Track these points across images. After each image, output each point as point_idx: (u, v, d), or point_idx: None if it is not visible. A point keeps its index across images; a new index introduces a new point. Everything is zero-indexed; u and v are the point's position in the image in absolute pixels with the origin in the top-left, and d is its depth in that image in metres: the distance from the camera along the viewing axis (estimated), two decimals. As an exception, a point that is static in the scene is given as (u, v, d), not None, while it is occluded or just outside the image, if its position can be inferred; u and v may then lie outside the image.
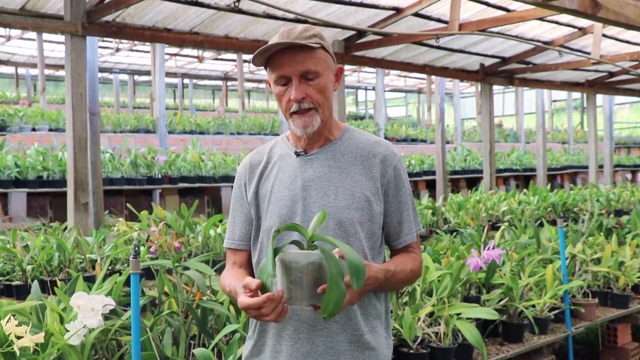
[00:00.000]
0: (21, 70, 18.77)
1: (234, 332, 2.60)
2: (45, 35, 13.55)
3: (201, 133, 12.43)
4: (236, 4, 4.98)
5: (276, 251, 1.53)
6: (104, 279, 2.90)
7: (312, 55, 1.69)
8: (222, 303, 2.77)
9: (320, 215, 1.57)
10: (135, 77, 20.18)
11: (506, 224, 5.46)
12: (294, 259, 1.51)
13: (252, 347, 1.77)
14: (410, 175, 10.80)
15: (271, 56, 1.70)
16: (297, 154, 1.78)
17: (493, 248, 3.52)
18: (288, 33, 1.68)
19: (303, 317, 1.68)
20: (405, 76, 22.12)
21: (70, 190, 4.99)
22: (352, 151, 1.78)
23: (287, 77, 1.69)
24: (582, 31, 7.95)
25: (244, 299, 1.53)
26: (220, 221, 4.47)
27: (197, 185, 8.62)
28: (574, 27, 7.86)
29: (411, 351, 2.94)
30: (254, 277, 1.75)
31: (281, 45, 1.66)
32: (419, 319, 3.08)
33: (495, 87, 10.26)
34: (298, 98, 1.68)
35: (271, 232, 1.72)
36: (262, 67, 1.76)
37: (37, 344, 2.16)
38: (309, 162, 1.76)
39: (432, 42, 7.32)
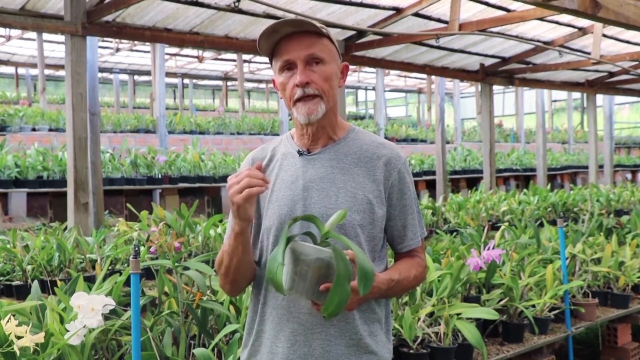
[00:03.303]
0: (21, 70, 18.77)
1: (234, 332, 2.60)
2: (45, 35, 13.55)
3: (201, 133, 12.43)
4: (236, 4, 4.98)
5: (289, 240, 1.51)
6: (104, 279, 2.90)
7: (319, 41, 1.68)
8: (222, 303, 2.77)
9: (340, 213, 1.55)
10: (135, 77, 20.17)
11: (506, 224, 5.46)
12: (304, 251, 1.49)
13: (250, 348, 1.76)
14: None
15: (277, 43, 1.69)
16: (300, 154, 1.76)
17: (493, 248, 3.52)
18: (293, 21, 1.68)
19: (301, 320, 1.66)
20: (405, 76, 22.13)
21: (70, 190, 4.99)
22: (356, 152, 1.75)
23: (292, 63, 1.68)
24: (582, 31, 7.95)
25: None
26: (220, 221, 4.47)
27: (197, 185, 8.62)
28: (574, 27, 7.86)
29: (411, 351, 2.95)
30: (251, 258, 1.73)
31: (288, 25, 1.64)
32: (419, 319, 3.08)
33: (495, 87, 10.26)
34: (303, 82, 1.65)
35: (271, 231, 1.71)
36: (262, 67, 1.75)
37: (37, 344, 2.16)
38: (311, 161, 1.74)
39: (432, 42, 7.32)
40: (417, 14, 6.73)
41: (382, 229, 1.74)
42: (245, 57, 16.44)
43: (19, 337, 2.07)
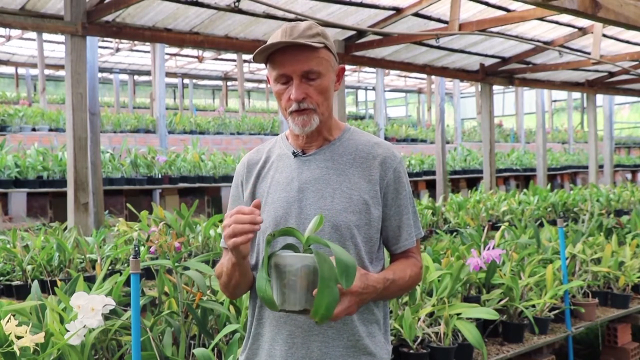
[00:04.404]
0: (21, 70, 18.77)
1: (234, 332, 2.61)
2: (45, 35, 13.55)
3: (201, 133, 12.43)
4: (236, 4, 4.98)
5: (271, 257, 1.51)
6: (104, 279, 2.90)
7: (315, 55, 1.66)
8: (222, 303, 2.77)
9: (317, 220, 1.54)
10: (135, 77, 20.17)
11: (506, 224, 5.46)
12: (288, 262, 1.48)
13: (248, 350, 1.76)
14: (410, 175, 10.80)
15: (272, 53, 1.67)
16: (295, 155, 1.74)
17: (493, 248, 3.52)
18: (291, 30, 1.65)
19: (298, 322, 1.65)
20: (405, 76, 22.12)
21: (70, 190, 4.99)
22: (351, 152, 1.74)
23: (287, 76, 1.66)
24: (582, 31, 7.95)
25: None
26: (220, 221, 4.47)
27: (197, 185, 8.63)
28: (574, 27, 7.86)
29: (411, 351, 2.95)
30: (250, 275, 1.73)
31: (284, 44, 1.63)
32: (419, 319, 3.08)
33: (495, 87, 10.26)
34: (298, 98, 1.64)
35: (266, 234, 1.67)
36: (262, 67, 1.75)
37: (37, 344, 2.16)
38: (306, 163, 1.73)
39: (432, 42, 7.32)
40: (417, 14, 6.73)
41: (378, 229, 1.73)
42: (245, 57, 16.41)
43: (19, 337, 2.07)
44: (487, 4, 6.72)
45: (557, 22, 7.60)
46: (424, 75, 19.30)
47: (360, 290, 1.56)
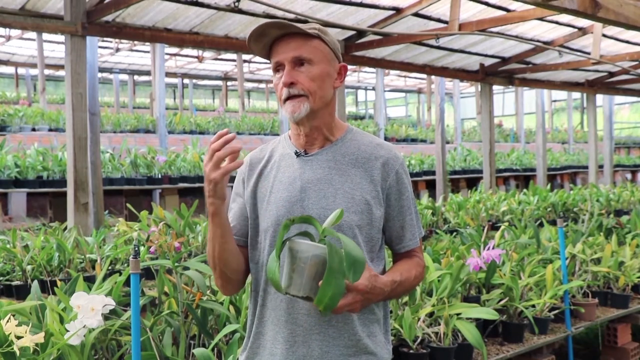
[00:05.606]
0: (21, 70, 18.77)
1: (234, 332, 2.61)
2: (45, 35, 13.55)
3: (201, 133, 12.44)
4: (236, 4, 4.98)
5: (286, 241, 1.54)
6: (104, 279, 2.90)
7: (308, 43, 1.69)
8: (222, 303, 2.77)
9: (337, 213, 1.56)
10: (135, 77, 20.17)
11: (506, 224, 5.46)
12: (300, 249, 1.52)
13: (249, 349, 1.76)
14: (410, 175, 10.59)
15: (272, 45, 1.71)
16: (297, 155, 1.76)
17: (493, 248, 3.52)
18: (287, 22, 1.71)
19: (299, 321, 1.66)
20: (405, 76, 22.12)
21: (70, 190, 4.99)
22: (354, 153, 1.75)
23: (281, 64, 1.70)
24: (582, 31, 7.95)
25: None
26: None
27: (197, 185, 8.61)
28: (574, 27, 7.86)
29: (411, 351, 2.95)
30: (248, 269, 1.76)
31: (276, 28, 1.66)
32: (419, 319, 3.08)
33: (495, 87, 10.26)
34: (287, 82, 1.67)
35: (268, 233, 1.71)
36: (262, 68, 1.76)
37: (37, 344, 2.16)
38: (308, 163, 1.74)
39: (432, 42, 7.32)
40: (417, 14, 6.73)
41: (380, 229, 1.74)
42: (245, 57, 16.43)
43: (19, 337, 2.07)
44: (487, 4, 6.72)
45: (557, 22, 7.60)
46: (424, 75, 19.30)
47: (367, 290, 1.58)
